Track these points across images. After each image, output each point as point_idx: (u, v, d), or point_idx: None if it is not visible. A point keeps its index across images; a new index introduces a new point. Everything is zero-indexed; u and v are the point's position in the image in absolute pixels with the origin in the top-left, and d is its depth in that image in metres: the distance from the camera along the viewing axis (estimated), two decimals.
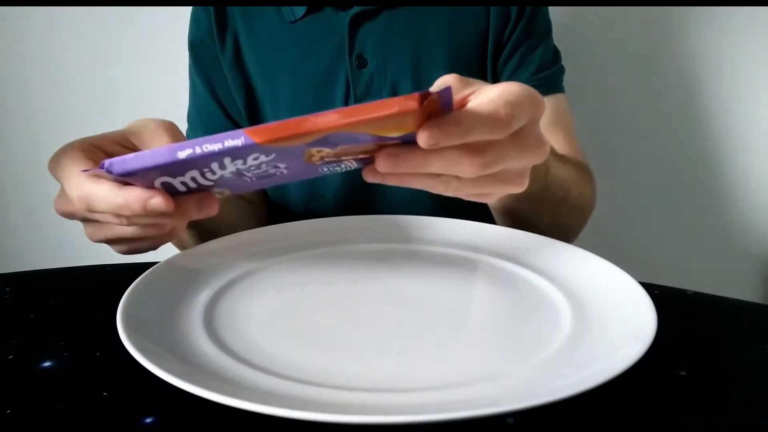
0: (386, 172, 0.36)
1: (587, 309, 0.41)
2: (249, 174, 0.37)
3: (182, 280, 0.45)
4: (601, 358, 0.35)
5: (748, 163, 1.07)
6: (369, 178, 0.37)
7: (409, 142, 0.35)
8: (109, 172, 0.35)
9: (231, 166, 0.35)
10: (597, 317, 0.40)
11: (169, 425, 0.33)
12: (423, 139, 0.33)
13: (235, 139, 0.32)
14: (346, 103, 0.71)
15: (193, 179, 0.36)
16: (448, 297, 0.45)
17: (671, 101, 1.06)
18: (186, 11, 0.77)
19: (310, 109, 0.73)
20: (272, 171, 0.37)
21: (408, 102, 0.30)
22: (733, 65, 1.02)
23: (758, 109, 1.04)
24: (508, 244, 0.52)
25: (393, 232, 0.55)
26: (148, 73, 1.12)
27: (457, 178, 0.37)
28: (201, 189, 0.38)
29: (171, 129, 0.44)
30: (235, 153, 0.33)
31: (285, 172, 0.37)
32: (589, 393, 0.30)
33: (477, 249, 0.53)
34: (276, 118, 0.74)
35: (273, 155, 0.34)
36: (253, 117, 0.75)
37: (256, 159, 0.34)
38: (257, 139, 0.32)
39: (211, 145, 0.32)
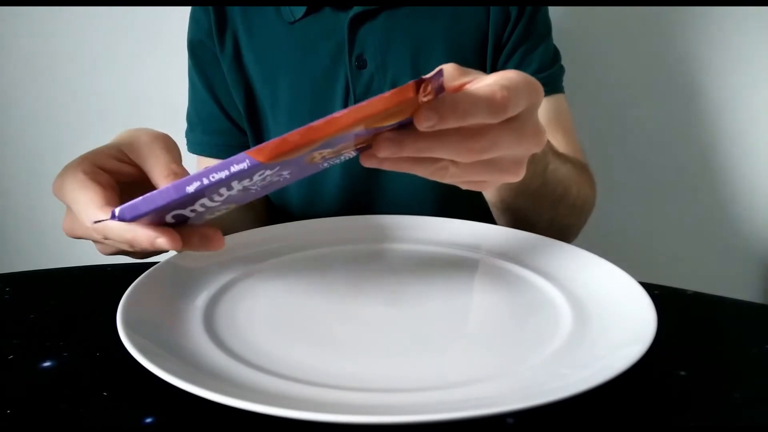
0: (385, 157, 0.36)
1: (587, 309, 0.41)
2: (254, 187, 0.37)
3: (182, 280, 0.45)
4: (601, 358, 0.35)
5: (749, 164, 1.07)
6: (367, 163, 0.37)
7: (404, 126, 0.35)
8: (121, 219, 0.36)
9: (238, 186, 0.36)
10: (597, 317, 0.40)
11: (169, 425, 0.33)
12: (420, 122, 0.33)
13: (240, 164, 0.32)
14: (345, 104, 0.71)
15: (202, 205, 0.37)
16: (448, 297, 0.45)
17: (671, 101, 1.06)
18: (184, 11, 0.77)
19: (310, 109, 0.73)
20: (276, 179, 0.37)
21: (404, 93, 0.31)
22: (733, 65, 1.02)
23: (759, 109, 1.04)
24: (508, 244, 0.52)
25: (393, 232, 0.55)
26: (147, 73, 1.12)
27: (454, 164, 0.37)
28: (209, 210, 0.39)
29: (167, 143, 0.44)
30: (241, 176, 0.33)
31: (288, 176, 0.38)
32: (589, 393, 0.30)
33: (477, 249, 0.53)
34: (275, 118, 0.74)
35: (277, 168, 0.34)
36: (253, 117, 0.75)
37: (261, 175, 0.35)
38: (261, 159, 0.32)
39: (218, 173, 0.33)
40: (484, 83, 0.36)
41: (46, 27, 1.11)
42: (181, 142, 0.74)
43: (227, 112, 0.76)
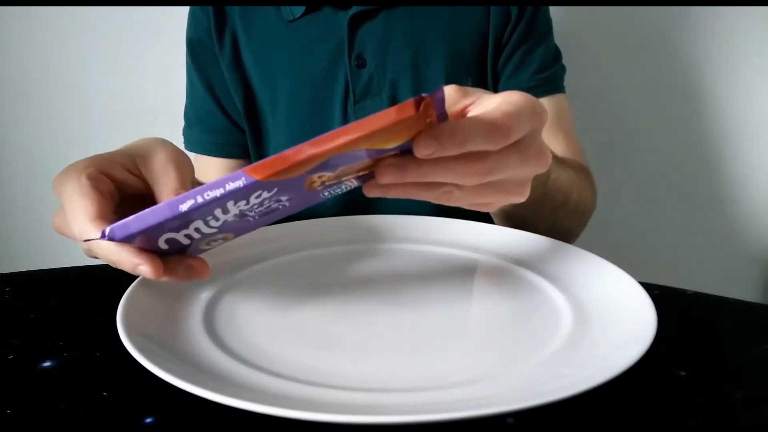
0: (389, 183, 0.35)
1: (587, 309, 0.41)
2: (251, 213, 0.36)
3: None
4: (602, 358, 0.35)
5: (748, 164, 1.07)
6: (370, 193, 0.37)
7: (406, 152, 0.34)
8: (111, 239, 0.34)
9: (234, 209, 0.34)
10: (597, 317, 0.40)
11: (169, 425, 0.33)
12: (419, 149, 0.33)
13: (235, 182, 0.31)
14: (344, 104, 0.71)
15: (197, 230, 0.36)
16: (448, 297, 0.45)
17: (671, 101, 1.06)
18: (181, 10, 0.77)
19: (309, 109, 0.73)
20: (275, 206, 0.36)
21: (404, 109, 0.30)
22: (733, 66, 1.02)
23: (758, 109, 1.04)
24: (509, 245, 0.52)
25: (393, 232, 0.55)
26: (145, 72, 1.12)
27: (459, 187, 0.37)
28: (205, 238, 0.38)
29: (180, 165, 0.42)
30: (237, 195, 0.32)
31: (287, 204, 0.37)
32: (589, 393, 0.30)
33: (477, 249, 0.53)
34: (274, 118, 0.74)
35: (275, 190, 0.33)
36: (252, 117, 0.75)
37: (258, 197, 0.33)
38: (258, 177, 0.31)
39: (213, 191, 0.32)
40: (485, 107, 0.36)
41: (45, 27, 1.11)
42: (179, 140, 0.74)
43: (226, 111, 0.76)
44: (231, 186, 0.32)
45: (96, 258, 0.44)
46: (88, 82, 1.13)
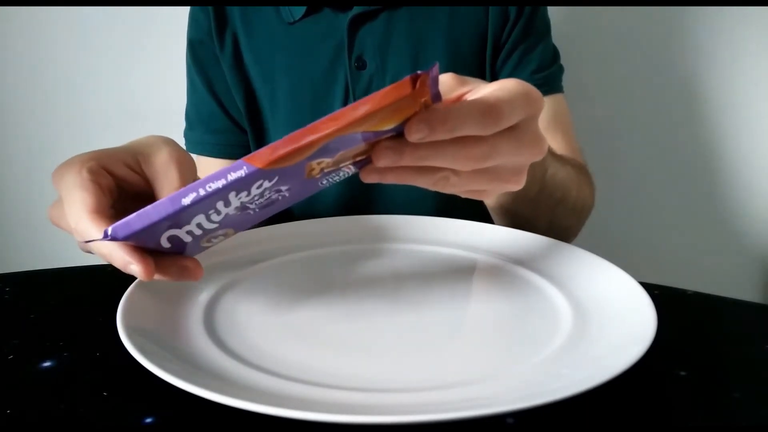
0: (386, 166, 0.35)
1: (587, 309, 0.41)
2: (252, 206, 0.36)
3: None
4: (601, 358, 0.35)
5: (749, 164, 1.07)
6: (367, 178, 0.37)
7: (401, 134, 0.34)
8: (113, 239, 0.34)
9: (236, 201, 0.34)
10: (597, 317, 0.40)
11: (169, 425, 0.33)
12: (411, 134, 0.33)
13: (237, 171, 0.31)
14: (345, 105, 0.71)
15: (199, 225, 0.35)
16: (448, 297, 0.45)
17: (671, 101, 1.06)
18: (179, 10, 0.77)
19: (309, 110, 0.73)
20: (275, 197, 0.36)
21: (401, 88, 0.30)
22: (733, 65, 1.02)
23: (759, 109, 1.04)
24: (508, 245, 0.52)
25: (393, 232, 0.55)
26: (143, 72, 1.12)
27: (455, 173, 0.37)
28: (206, 234, 0.38)
29: (183, 166, 0.42)
30: (239, 185, 0.32)
31: (287, 194, 0.37)
32: (589, 393, 0.30)
33: (476, 249, 0.53)
34: (275, 119, 0.74)
35: (276, 179, 0.33)
36: (253, 117, 0.75)
37: (259, 187, 0.33)
38: (259, 165, 0.31)
39: (215, 182, 0.32)
40: (480, 94, 0.36)
41: (44, 27, 1.11)
42: (179, 141, 0.74)
43: (228, 111, 0.76)
44: (233, 176, 0.31)
45: (89, 252, 0.44)
46: (87, 82, 1.13)
